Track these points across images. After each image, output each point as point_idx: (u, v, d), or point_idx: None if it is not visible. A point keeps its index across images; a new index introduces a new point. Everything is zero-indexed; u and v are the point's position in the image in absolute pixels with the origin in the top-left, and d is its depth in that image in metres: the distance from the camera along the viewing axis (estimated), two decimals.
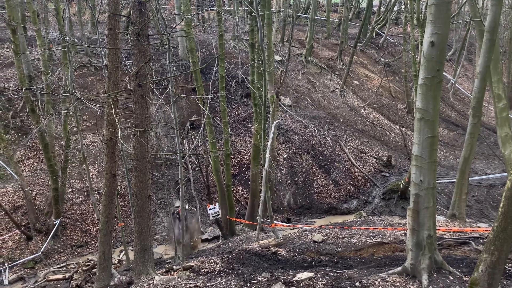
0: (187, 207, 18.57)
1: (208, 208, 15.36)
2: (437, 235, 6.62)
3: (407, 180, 18.37)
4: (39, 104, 19.07)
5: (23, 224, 16.10)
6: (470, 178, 13.29)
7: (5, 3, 15.11)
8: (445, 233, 9.33)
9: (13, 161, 16.00)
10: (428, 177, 5.67)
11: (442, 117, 30.29)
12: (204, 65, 18.55)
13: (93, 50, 25.18)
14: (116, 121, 8.36)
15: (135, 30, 7.59)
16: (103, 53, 14.25)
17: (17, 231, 15.67)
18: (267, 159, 12.17)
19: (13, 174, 16.29)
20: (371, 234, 10.70)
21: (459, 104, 34.92)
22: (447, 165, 23.39)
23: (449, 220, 11.42)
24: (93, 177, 18.82)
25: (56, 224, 16.11)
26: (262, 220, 13.04)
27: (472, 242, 7.92)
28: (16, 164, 16.33)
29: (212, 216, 15.41)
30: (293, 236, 11.78)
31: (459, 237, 8.62)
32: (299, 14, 44.26)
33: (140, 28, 7.54)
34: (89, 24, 32.42)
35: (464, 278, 5.69)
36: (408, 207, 5.98)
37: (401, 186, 19.43)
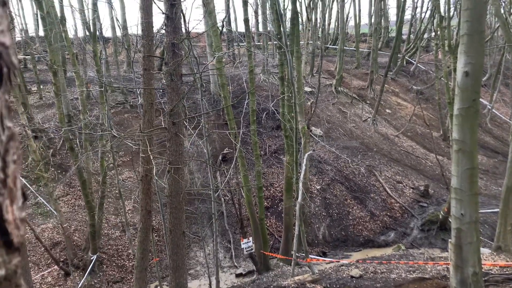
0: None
1: (241, 242, 15.23)
2: (482, 270, 6.29)
3: (446, 210, 17.69)
4: (78, 142, 19.80)
5: (62, 260, 16.43)
6: None
7: (47, 48, 16.03)
8: (491, 268, 8.85)
9: (52, 198, 16.53)
10: (469, 210, 5.44)
11: (480, 143, 29.29)
12: (235, 101, 18.88)
13: (129, 89, 26.12)
14: (151, 158, 8.54)
15: (169, 70, 7.85)
16: (138, 92, 14.76)
17: (56, 267, 15.98)
18: (300, 192, 12.02)
19: (53, 210, 16.80)
20: (411, 268, 10.29)
21: (498, 130, 33.77)
22: (488, 194, 22.43)
23: (494, 253, 10.83)
24: (129, 212, 19.13)
25: (93, 259, 16.34)
26: (296, 254, 12.78)
27: None
28: (56, 201, 16.85)
29: (246, 251, 15.25)
30: (330, 271, 11.48)
31: (507, 272, 8.15)
32: (328, 46, 44.66)
33: (173, 68, 7.79)
34: (124, 64, 33.82)
35: None
36: (450, 240, 5.73)
37: (440, 217, 18.71)
